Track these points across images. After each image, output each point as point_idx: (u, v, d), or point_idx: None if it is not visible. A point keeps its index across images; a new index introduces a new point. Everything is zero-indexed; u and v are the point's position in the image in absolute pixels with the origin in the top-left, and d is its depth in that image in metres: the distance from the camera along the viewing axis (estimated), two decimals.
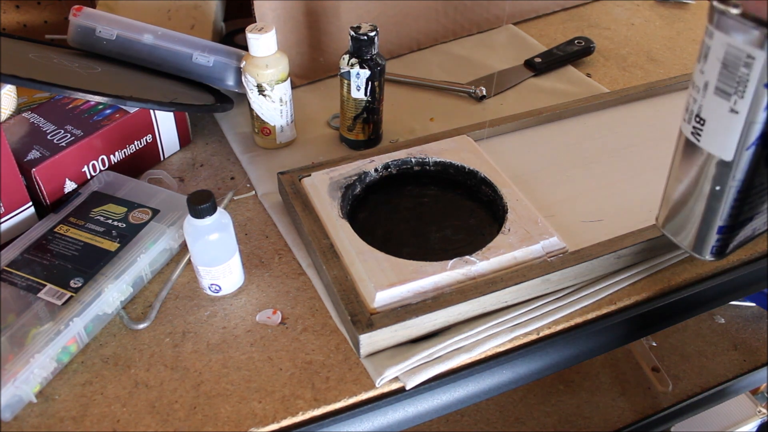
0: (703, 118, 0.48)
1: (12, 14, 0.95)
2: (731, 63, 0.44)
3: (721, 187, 0.50)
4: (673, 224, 0.55)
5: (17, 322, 0.54)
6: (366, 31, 0.71)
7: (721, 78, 0.45)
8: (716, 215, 0.51)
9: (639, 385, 1.09)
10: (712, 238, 0.53)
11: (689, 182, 0.51)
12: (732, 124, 0.46)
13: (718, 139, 0.48)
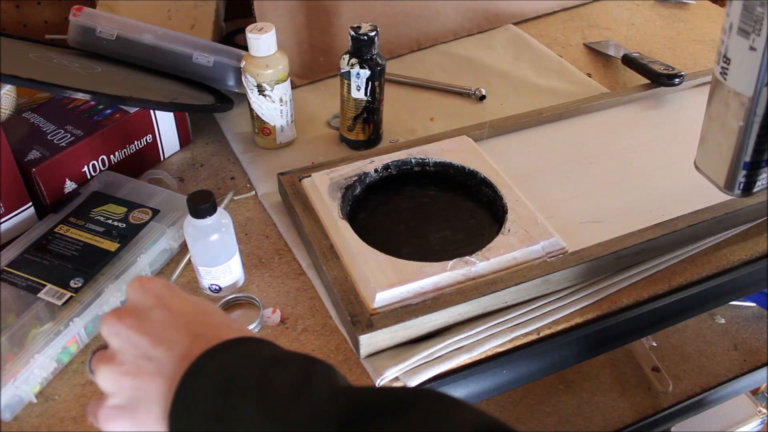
0: (729, 58, 0.52)
1: (12, 14, 0.95)
2: (750, 3, 0.48)
3: (744, 123, 0.53)
4: (706, 162, 0.58)
5: (17, 322, 0.54)
6: (366, 31, 0.71)
7: (743, 18, 0.49)
8: (742, 151, 0.54)
9: (639, 385, 1.09)
10: (739, 174, 0.56)
11: (719, 120, 0.55)
12: (752, 61, 0.50)
13: (741, 76, 0.51)
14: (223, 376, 0.36)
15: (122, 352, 0.39)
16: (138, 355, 0.38)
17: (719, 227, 0.66)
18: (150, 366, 0.38)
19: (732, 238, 0.67)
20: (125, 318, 0.40)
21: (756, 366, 1.11)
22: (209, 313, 0.41)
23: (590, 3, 1.12)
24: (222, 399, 0.35)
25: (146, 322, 0.39)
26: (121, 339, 0.39)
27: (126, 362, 0.38)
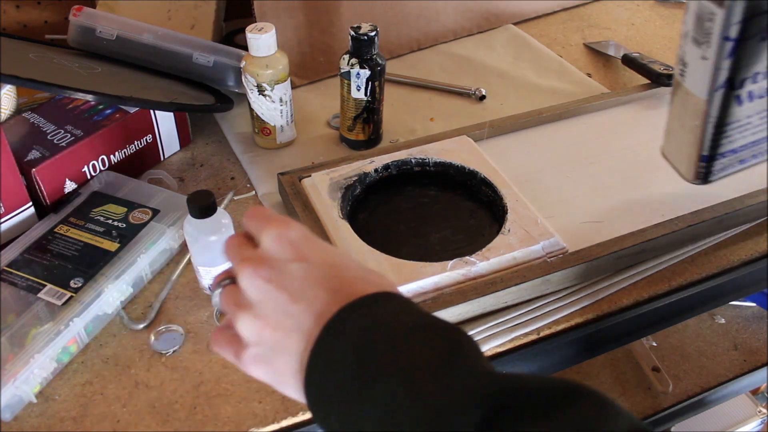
0: (686, 62, 0.57)
1: (12, 14, 0.95)
2: (701, 17, 0.53)
3: (700, 121, 0.58)
4: (670, 152, 0.64)
5: (17, 322, 0.54)
6: (366, 31, 0.71)
7: (695, 29, 0.54)
8: (699, 145, 0.60)
9: (639, 385, 1.09)
10: (697, 165, 0.61)
11: (679, 117, 0.60)
12: (704, 69, 0.55)
13: (696, 80, 0.57)
14: (362, 340, 0.36)
15: (262, 304, 0.39)
16: (277, 309, 0.38)
17: (719, 227, 0.66)
18: (289, 321, 0.38)
19: (732, 238, 0.67)
20: (262, 270, 0.39)
21: (756, 366, 1.11)
22: (347, 265, 0.40)
23: (590, 3, 1.12)
24: (359, 366, 0.35)
25: (284, 276, 0.39)
26: (260, 292, 0.39)
27: (266, 315, 0.39)
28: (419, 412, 0.32)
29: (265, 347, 0.39)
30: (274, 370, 0.39)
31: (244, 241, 0.42)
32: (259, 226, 0.41)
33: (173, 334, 0.58)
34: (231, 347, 0.41)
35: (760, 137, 0.62)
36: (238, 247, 0.42)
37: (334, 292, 0.38)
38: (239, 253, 0.41)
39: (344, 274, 0.39)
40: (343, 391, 0.35)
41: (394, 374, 0.34)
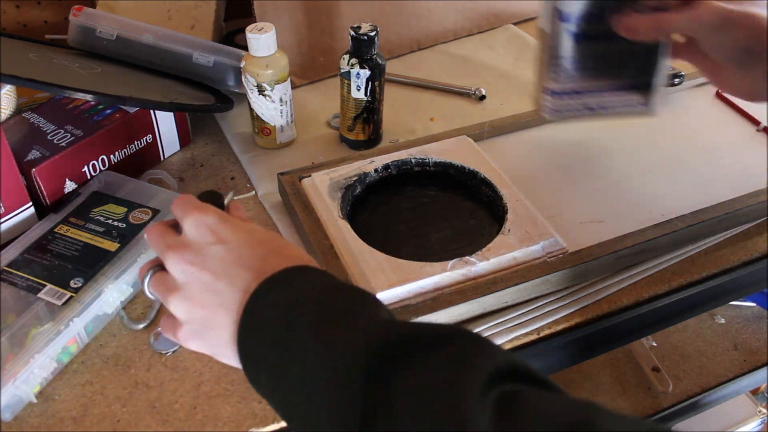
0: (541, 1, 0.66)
1: (12, 14, 0.95)
2: None
3: (542, 52, 0.68)
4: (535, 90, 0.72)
5: (17, 322, 0.54)
6: (366, 31, 0.71)
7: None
8: (542, 76, 0.68)
9: (639, 385, 1.09)
10: (542, 98, 0.69)
11: (539, 54, 0.69)
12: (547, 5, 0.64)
13: (543, 15, 0.66)
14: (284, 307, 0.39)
15: (188, 285, 0.43)
16: (203, 288, 0.42)
17: (719, 227, 0.66)
18: (215, 299, 0.42)
19: (732, 238, 0.67)
20: (186, 254, 0.43)
21: (756, 366, 1.11)
22: (265, 242, 0.44)
23: None
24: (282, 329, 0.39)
25: (206, 258, 0.43)
26: (185, 274, 0.43)
27: (194, 296, 0.42)
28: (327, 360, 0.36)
29: (197, 324, 0.43)
30: (209, 343, 0.43)
31: (166, 229, 0.46)
32: (181, 213, 0.45)
33: None
34: (171, 329, 0.45)
35: (603, 84, 0.69)
36: (161, 236, 0.45)
37: (255, 269, 0.42)
38: (163, 241, 0.45)
39: (262, 252, 0.43)
40: (269, 353, 0.39)
41: (311, 329, 0.38)
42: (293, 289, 0.40)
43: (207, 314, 0.42)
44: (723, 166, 0.73)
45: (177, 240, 0.44)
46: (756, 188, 0.68)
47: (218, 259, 0.42)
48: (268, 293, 0.40)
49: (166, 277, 0.44)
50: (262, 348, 0.39)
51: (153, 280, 0.46)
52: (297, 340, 0.38)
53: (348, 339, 0.37)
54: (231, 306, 0.41)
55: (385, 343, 0.36)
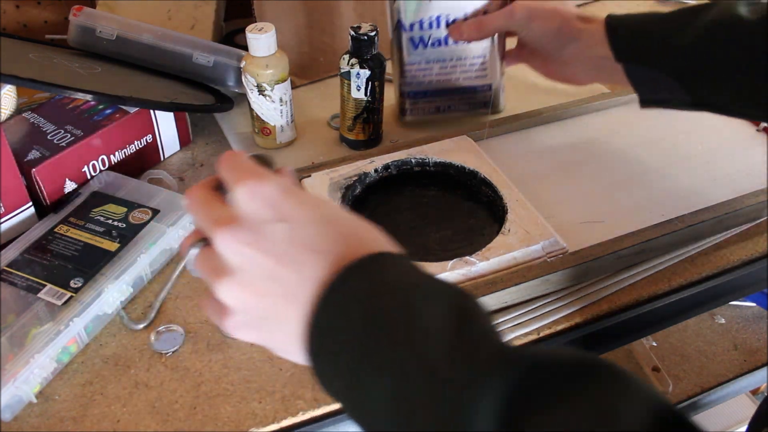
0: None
1: (12, 14, 0.95)
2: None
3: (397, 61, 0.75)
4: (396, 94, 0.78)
5: (17, 322, 0.54)
6: (366, 31, 0.71)
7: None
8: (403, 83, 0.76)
9: None
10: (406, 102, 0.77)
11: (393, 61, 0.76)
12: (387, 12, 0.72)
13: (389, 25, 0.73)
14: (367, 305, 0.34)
15: (244, 270, 0.36)
16: (263, 276, 0.36)
17: (719, 227, 0.66)
18: (278, 288, 0.36)
19: (732, 238, 0.67)
20: (240, 234, 0.36)
21: (756, 366, 1.11)
22: (334, 220, 0.37)
23: (590, 3, 1.12)
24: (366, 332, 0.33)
25: (265, 239, 0.36)
26: (240, 258, 0.36)
27: (251, 282, 0.36)
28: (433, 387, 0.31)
29: (252, 315, 0.37)
30: (266, 336, 0.38)
31: (211, 196, 0.38)
32: (232, 178, 0.37)
33: (173, 334, 0.58)
34: (216, 313, 0.38)
35: (449, 87, 0.76)
36: (206, 205, 0.38)
37: (325, 254, 0.35)
38: (210, 213, 0.37)
39: (333, 233, 0.36)
40: (350, 359, 0.33)
41: (404, 342, 0.32)
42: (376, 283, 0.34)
43: (267, 305, 0.36)
44: (723, 166, 0.73)
45: (227, 213, 0.37)
46: (756, 188, 0.68)
47: (280, 241, 0.36)
48: (346, 285, 0.34)
49: (213, 256, 0.37)
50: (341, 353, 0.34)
51: (198, 259, 0.38)
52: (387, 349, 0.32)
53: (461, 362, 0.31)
54: (299, 297, 0.35)
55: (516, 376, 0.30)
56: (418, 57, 0.74)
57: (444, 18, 0.71)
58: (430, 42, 0.73)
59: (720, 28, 0.59)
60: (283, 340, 0.37)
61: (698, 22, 0.60)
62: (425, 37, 0.72)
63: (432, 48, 0.73)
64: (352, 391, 0.34)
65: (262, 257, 0.35)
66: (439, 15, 0.71)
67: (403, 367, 0.32)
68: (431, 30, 0.72)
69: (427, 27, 0.72)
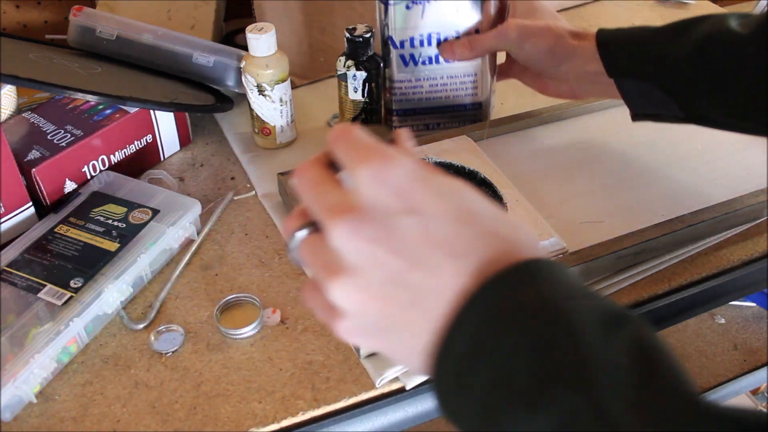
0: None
1: (12, 14, 0.95)
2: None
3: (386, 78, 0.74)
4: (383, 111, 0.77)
5: (17, 322, 0.54)
6: (361, 32, 0.71)
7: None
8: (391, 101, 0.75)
9: None
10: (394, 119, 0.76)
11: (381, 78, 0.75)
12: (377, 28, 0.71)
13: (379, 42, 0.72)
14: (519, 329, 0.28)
15: (364, 271, 0.30)
16: (387, 279, 0.30)
17: (719, 227, 0.66)
18: (404, 295, 0.30)
19: (732, 238, 0.67)
20: (363, 228, 0.30)
21: (756, 366, 1.11)
22: (476, 215, 0.31)
23: (590, 3, 1.12)
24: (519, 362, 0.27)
25: (393, 236, 0.30)
26: (362, 256, 0.30)
27: (372, 286, 0.30)
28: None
29: (369, 322, 0.31)
30: (385, 346, 0.33)
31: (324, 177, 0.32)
32: (351, 158, 0.31)
33: (173, 334, 0.58)
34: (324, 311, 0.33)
35: (439, 105, 0.76)
36: (320, 187, 0.32)
37: (466, 258, 0.30)
38: (324, 198, 0.31)
39: (473, 233, 0.30)
40: (492, 388, 0.28)
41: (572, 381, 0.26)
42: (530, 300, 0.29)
43: (390, 313, 0.31)
44: (723, 166, 0.73)
45: (346, 200, 0.31)
46: (756, 188, 0.68)
47: (411, 239, 0.30)
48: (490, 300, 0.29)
49: (323, 247, 0.31)
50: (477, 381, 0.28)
51: (305, 247, 0.33)
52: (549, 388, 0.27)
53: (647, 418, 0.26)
54: (430, 309, 0.30)
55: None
56: (407, 74, 0.73)
57: (435, 36, 0.70)
58: (420, 60, 0.72)
59: (712, 42, 0.59)
60: (405, 353, 0.32)
61: (690, 36, 0.60)
62: (416, 55, 0.71)
63: (422, 66, 0.72)
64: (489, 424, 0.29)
65: (389, 258, 0.30)
66: (429, 33, 0.70)
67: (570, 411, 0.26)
68: (422, 48, 0.71)
69: (418, 45, 0.71)
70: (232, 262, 0.65)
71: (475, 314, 0.29)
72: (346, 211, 0.30)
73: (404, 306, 0.30)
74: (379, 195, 0.30)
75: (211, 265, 0.65)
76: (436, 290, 0.30)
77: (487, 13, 0.70)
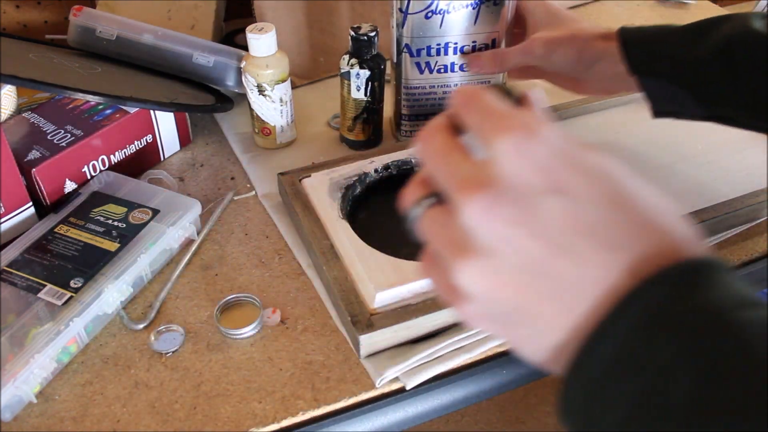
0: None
1: (12, 14, 0.95)
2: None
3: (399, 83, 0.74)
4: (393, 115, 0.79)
5: (17, 322, 0.54)
6: (366, 31, 0.71)
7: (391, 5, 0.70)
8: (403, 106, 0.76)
9: None
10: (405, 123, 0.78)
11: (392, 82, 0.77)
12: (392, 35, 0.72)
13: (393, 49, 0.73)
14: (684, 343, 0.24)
15: (499, 255, 0.27)
16: (525, 266, 0.27)
17: (719, 227, 0.66)
18: (544, 284, 0.27)
19: (732, 238, 0.67)
20: (501, 206, 0.27)
21: None
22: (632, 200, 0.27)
23: (590, 3, 1.12)
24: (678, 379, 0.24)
25: (536, 218, 0.27)
26: (497, 238, 0.27)
27: (506, 271, 0.27)
28: None
29: (498, 309, 0.28)
30: (512, 336, 0.30)
31: (454, 144, 0.30)
32: (487, 126, 0.28)
33: (173, 334, 0.58)
34: (447, 291, 0.30)
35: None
36: (449, 156, 0.29)
37: (619, 250, 0.26)
38: (455, 168, 0.29)
39: (630, 221, 0.27)
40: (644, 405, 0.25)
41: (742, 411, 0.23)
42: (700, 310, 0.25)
43: (524, 302, 0.28)
44: (723, 166, 0.73)
45: (479, 173, 0.28)
46: (756, 188, 0.68)
47: (556, 223, 0.27)
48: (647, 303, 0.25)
49: (450, 223, 0.28)
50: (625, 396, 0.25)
51: (428, 220, 0.30)
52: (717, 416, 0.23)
53: None
54: (573, 305, 0.27)
55: None
56: (422, 81, 0.74)
57: (452, 45, 0.71)
58: (436, 68, 0.72)
59: (736, 43, 0.58)
60: (533, 347, 0.29)
61: (712, 36, 0.60)
62: (432, 63, 0.72)
63: (438, 73, 0.73)
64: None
65: (528, 242, 0.27)
66: (447, 42, 0.70)
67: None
68: (438, 56, 0.72)
69: (434, 53, 0.71)
70: (232, 262, 0.65)
71: (629, 317, 0.25)
72: (482, 187, 0.27)
73: (540, 297, 0.27)
74: (521, 171, 0.27)
75: (211, 265, 0.65)
76: (579, 284, 0.26)
77: (503, 22, 0.71)
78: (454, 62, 0.73)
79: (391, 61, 0.75)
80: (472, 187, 0.27)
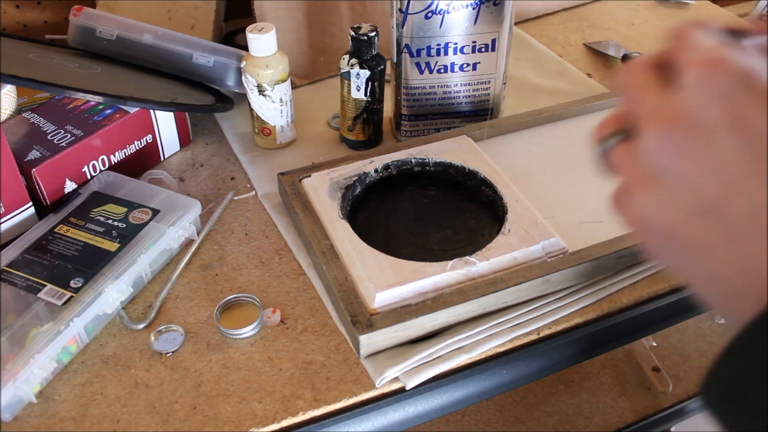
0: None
1: (12, 14, 0.95)
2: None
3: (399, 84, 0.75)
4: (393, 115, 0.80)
5: (17, 322, 0.54)
6: (366, 31, 0.71)
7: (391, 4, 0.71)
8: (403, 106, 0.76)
9: (639, 385, 1.09)
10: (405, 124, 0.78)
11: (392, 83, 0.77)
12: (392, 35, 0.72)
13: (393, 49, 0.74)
14: None
15: (673, 189, 0.27)
16: (697, 202, 0.26)
17: None
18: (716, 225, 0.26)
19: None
20: (675, 138, 0.26)
21: None
22: None
23: (590, 3, 1.12)
24: None
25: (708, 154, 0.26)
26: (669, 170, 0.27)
27: (678, 207, 0.27)
28: None
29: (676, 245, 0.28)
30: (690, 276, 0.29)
31: (654, 79, 0.29)
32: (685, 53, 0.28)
33: (173, 334, 0.58)
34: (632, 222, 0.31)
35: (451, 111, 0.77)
36: (644, 89, 0.29)
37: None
38: (646, 100, 0.28)
39: None
40: None
41: None
42: None
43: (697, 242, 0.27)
44: None
45: (669, 106, 0.27)
46: None
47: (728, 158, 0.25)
48: None
49: (634, 153, 0.29)
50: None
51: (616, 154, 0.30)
52: None
53: None
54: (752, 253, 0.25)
55: None
56: (422, 82, 0.74)
57: (452, 45, 0.71)
58: (436, 68, 0.73)
59: None
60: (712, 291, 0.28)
61: None
62: (431, 63, 0.72)
63: (438, 74, 0.73)
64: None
65: (699, 178, 0.26)
66: (447, 42, 0.71)
67: None
68: (438, 57, 0.72)
69: (434, 53, 0.72)
70: (232, 262, 0.65)
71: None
72: (665, 119, 0.27)
73: (714, 240, 0.26)
74: (703, 101, 0.26)
75: (211, 265, 0.65)
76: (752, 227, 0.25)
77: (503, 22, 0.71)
78: (453, 62, 0.73)
79: (391, 61, 0.75)
80: (657, 118, 0.27)
